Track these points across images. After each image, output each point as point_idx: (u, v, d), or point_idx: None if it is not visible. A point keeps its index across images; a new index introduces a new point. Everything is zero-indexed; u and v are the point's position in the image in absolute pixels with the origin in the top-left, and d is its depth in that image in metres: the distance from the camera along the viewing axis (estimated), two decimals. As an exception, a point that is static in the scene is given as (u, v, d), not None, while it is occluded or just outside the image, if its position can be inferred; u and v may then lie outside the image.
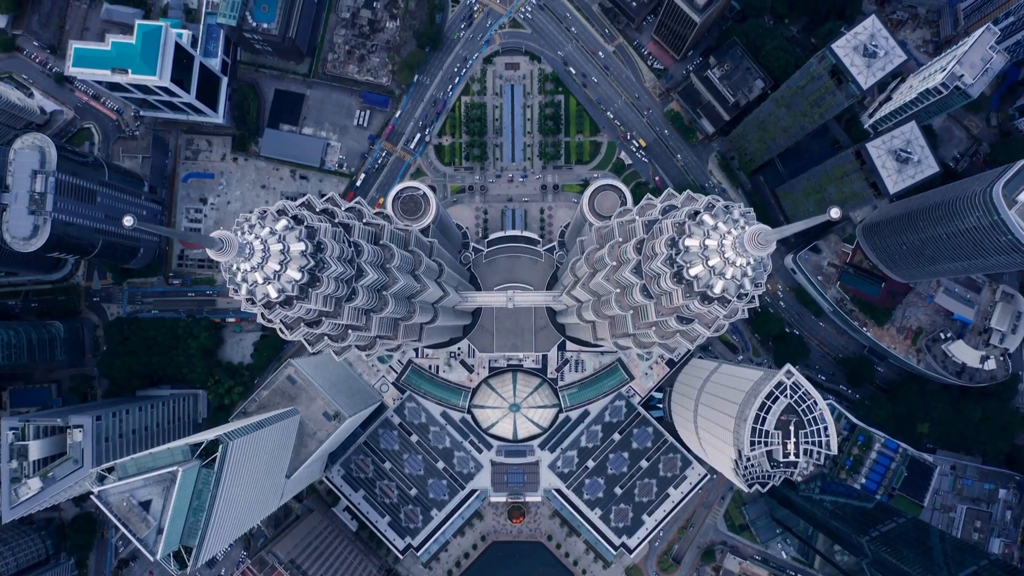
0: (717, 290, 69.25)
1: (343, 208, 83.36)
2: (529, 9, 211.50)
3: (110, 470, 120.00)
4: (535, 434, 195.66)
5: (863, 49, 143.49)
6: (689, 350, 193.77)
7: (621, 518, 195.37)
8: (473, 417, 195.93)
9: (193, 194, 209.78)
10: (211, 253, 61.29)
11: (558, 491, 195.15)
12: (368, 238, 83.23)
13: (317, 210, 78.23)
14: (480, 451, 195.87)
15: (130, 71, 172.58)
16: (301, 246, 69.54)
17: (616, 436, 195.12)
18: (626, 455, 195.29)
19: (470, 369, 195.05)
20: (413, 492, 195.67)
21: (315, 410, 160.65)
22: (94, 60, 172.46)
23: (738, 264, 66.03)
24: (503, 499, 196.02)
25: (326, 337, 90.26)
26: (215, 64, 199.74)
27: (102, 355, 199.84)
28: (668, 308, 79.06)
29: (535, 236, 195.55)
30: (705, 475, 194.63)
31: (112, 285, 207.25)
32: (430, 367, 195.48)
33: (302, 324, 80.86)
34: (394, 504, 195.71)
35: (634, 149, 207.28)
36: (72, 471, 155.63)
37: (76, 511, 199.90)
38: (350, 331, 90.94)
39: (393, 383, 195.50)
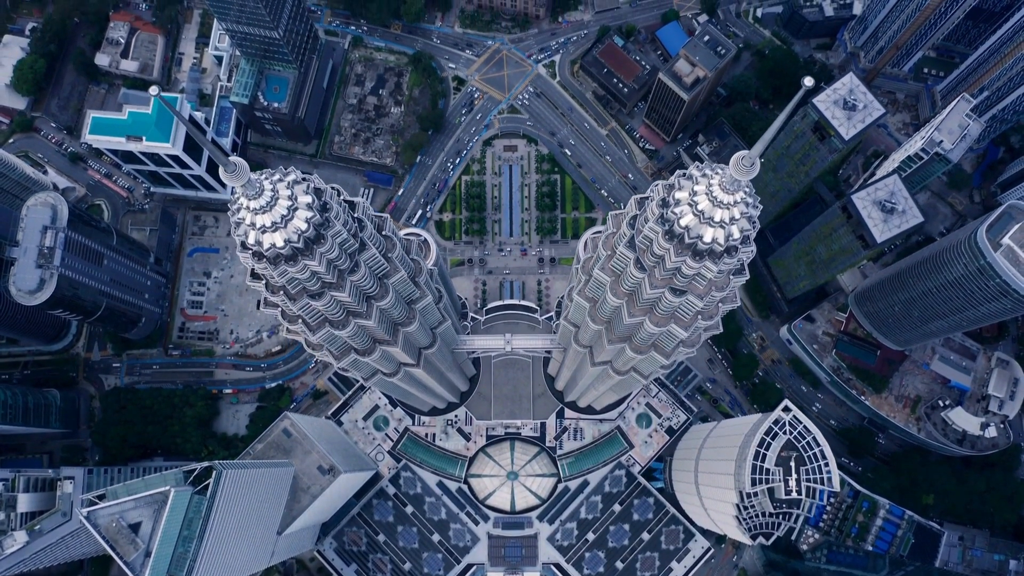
0: (707, 239, 71.65)
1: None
2: (526, 97, 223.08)
3: (101, 497, 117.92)
4: (533, 505, 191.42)
5: (843, 103, 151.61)
6: (688, 419, 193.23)
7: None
8: (470, 487, 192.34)
9: (197, 268, 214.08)
10: (224, 175, 64.05)
11: (557, 566, 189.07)
12: (371, 221, 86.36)
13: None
14: (477, 523, 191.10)
15: (144, 139, 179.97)
16: (308, 199, 72.38)
17: (616, 507, 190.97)
18: (627, 527, 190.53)
19: (467, 437, 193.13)
20: (407, 566, 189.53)
21: (309, 464, 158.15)
22: (110, 128, 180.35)
23: (726, 203, 68.94)
24: (500, 575, 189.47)
25: (328, 323, 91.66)
26: (226, 144, 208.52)
27: (97, 423, 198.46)
28: (662, 279, 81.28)
29: (532, 304, 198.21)
30: (708, 548, 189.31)
31: (112, 356, 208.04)
32: (426, 435, 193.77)
33: (305, 295, 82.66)
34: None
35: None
36: (60, 524, 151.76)
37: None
38: (351, 318, 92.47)
39: (389, 452, 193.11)
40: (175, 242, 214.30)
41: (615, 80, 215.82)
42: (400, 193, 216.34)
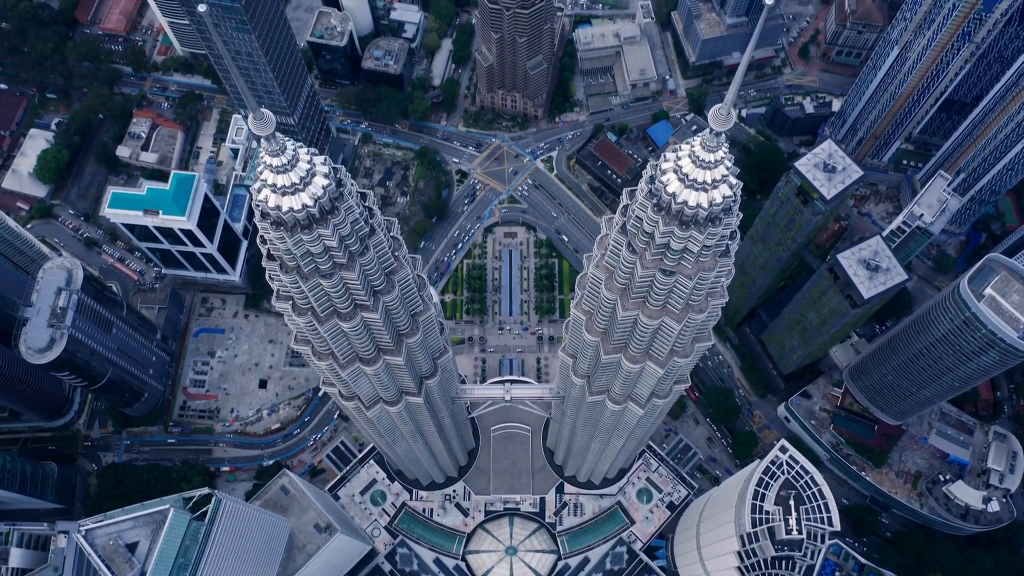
0: (692, 203, 77.19)
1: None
2: (526, 188, 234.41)
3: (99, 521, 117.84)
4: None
5: (823, 165, 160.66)
6: (689, 494, 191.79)
7: None
8: (467, 565, 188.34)
9: (202, 348, 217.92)
10: (252, 123, 69.81)
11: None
12: (380, 215, 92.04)
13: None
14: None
15: (160, 212, 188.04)
16: (326, 168, 78.50)
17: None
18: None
19: (465, 513, 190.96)
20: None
21: (306, 522, 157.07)
22: (128, 202, 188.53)
23: (707, 162, 74.85)
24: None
25: (336, 315, 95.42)
26: (238, 228, 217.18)
27: (92, 498, 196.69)
28: (652, 259, 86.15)
29: (531, 381, 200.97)
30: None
31: (112, 433, 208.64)
32: (424, 510, 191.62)
33: (317, 275, 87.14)
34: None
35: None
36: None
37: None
38: (358, 311, 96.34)
39: (385, 527, 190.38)
40: (182, 322, 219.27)
41: (609, 172, 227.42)
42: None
